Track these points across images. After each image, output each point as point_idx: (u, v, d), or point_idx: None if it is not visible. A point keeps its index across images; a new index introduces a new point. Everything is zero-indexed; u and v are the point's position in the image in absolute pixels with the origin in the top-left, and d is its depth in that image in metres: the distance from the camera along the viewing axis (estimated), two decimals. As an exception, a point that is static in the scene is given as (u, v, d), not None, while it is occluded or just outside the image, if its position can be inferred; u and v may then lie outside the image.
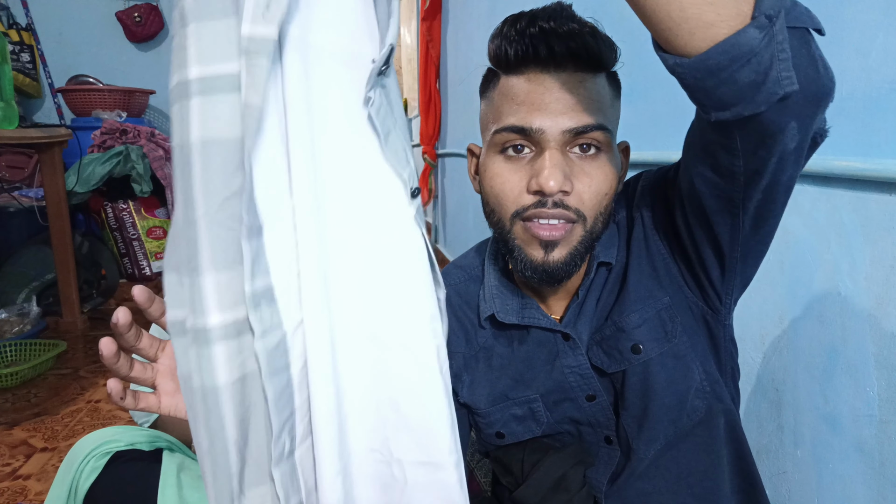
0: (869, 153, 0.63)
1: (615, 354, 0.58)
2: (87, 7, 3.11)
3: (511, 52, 0.51)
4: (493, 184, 0.55)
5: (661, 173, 0.58)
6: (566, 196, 0.52)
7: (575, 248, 0.54)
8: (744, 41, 0.35)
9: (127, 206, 2.59)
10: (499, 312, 0.62)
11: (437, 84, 3.17)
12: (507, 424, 0.64)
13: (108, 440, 0.74)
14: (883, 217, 0.62)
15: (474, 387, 0.65)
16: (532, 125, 0.51)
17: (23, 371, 1.75)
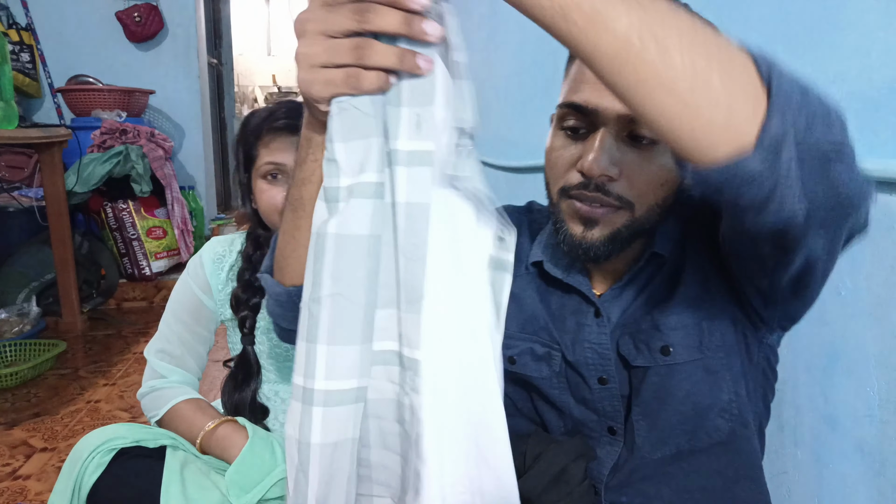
0: (869, 153, 0.63)
1: (643, 349, 0.57)
2: (86, 7, 3.10)
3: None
4: (549, 156, 0.56)
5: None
6: (611, 182, 0.51)
7: (617, 230, 0.53)
8: (744, 168, 0.34)
9: (126, 205, 2.59)
10: (547, 263, 0.63)
11: (436, 84, 3.17)
12: (523, 355, 0.64)
13: (113, 437, 0.75)
14: (883, 217, 0.62)
15: (507, 311, 0.64)
16: (589, 104, 0.51)
17: (22, 371, 1.75)
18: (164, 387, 0.86)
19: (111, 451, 0.73)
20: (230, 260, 0.88)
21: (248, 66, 5.37)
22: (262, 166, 0.81)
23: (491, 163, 2.17)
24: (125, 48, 3.18)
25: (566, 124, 0.54)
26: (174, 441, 0.79)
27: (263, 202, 0.81)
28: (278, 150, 0.80)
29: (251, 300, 0.85)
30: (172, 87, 3.25)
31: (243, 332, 0.86)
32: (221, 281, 0.88)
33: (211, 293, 0.88)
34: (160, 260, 2.69)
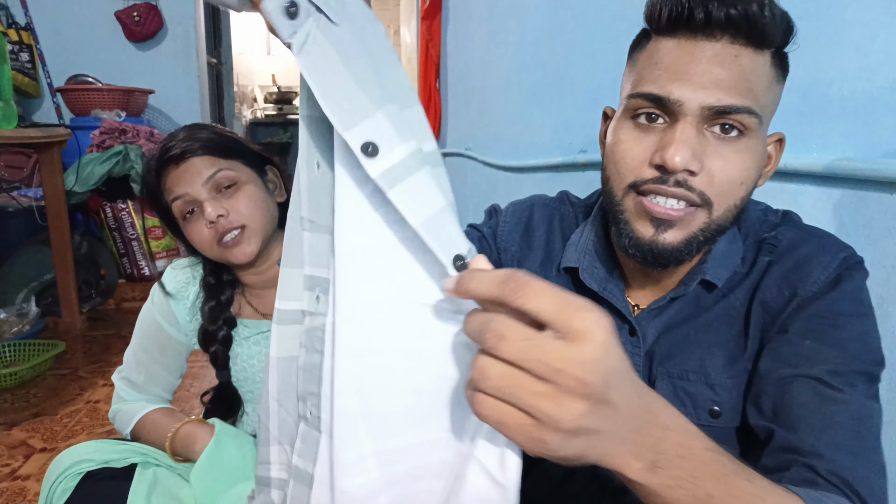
0: (870, 153, 0.63)
1: (686, 402, 0.53)
2: (86, 6, 3.10)
3: (665, 12, 0.46)
4: (615, 149, 0.51)
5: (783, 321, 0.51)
6: (692, 176, 0.47)
7: (693, 235, 0.48)
8: None
9: (126, 205, 2.58)
10: (583, 271, 0.58)
11: (437, 83, 3.17)
12: None
13: (81, 459, 0.74)
14: (884, 217, 0.62)
15: None
16: (670, 95, 0.46)
17: (22, 371, 1.75)
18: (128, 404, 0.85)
19: (78, 476, 0.73)
20: (194, 289, 0.85)
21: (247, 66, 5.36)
22: (173, 208, 0.77)
23: (491, 162, 2.16)
24: (124, 48, 3.17)
25: (641, 114, 0.49)
26: (145, 457, 0.78)
27: (194, 242, 0.78)
28: (175, 184, 0.76)
29: (219, 333, 0.81)
30: (172, 87, 3.24)
31: (217, 367, 0.83)
32: (187, 311, 0.84)
33: (178, 324, 0.85)
34: (159, 260, 2.69)
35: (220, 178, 0.76)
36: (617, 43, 1.18)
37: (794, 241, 0.52)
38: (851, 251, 0.51)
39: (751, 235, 0.55)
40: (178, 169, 0.75)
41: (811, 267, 0.50)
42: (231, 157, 0.78)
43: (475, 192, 2.43)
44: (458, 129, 2.82)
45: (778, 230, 0.54)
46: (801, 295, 0.49)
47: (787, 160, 0.73)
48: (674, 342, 0.55)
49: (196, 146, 0.75)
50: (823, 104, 0.69)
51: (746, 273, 0.54)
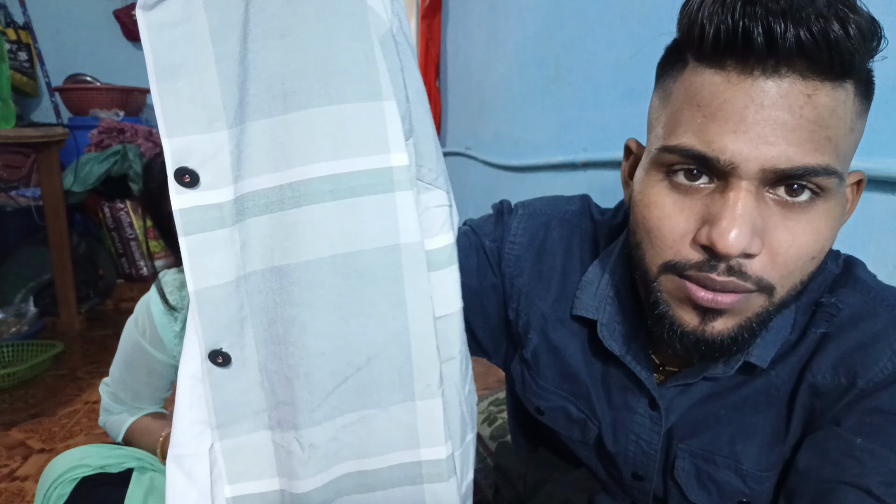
0: (870, 153, 0.63)
1: (712, 490, 0.46)
2: (84, 5, 3.09)
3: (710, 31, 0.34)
4: (647, 214, 0.39)
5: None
6: (748, 259, 0.36)
7: (748, 321, 0.38)
8: None
9: (124, 205, 2.58)
10: (602, 326, 0.49)
11: (437, 82, 3.17)
12: (554, 411, 0.54)
13: (76, 465, 0.73)
14: (885, 217, 0.62)
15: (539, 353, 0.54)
16: (720, 155, 0.35)
17: (20, 372, 1.75)
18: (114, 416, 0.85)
19: (73, 481, 0.72)
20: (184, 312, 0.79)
21: (246, 65, 5.36)
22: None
23: (491, 162, 2.16)
24: (123, 47, 3.16)
25: (677, 174, 0.38)
26: (141, 462, 0.77)
27: None
28: None
29: None
30: (170, 87, 3.24)
31: None
32: (176, 333, 0.80)
33: (164, 347, 0.80)
34: (158, 260, 2.68)
35: None
36: (617, 43, 1.18)
37: (858, 313, 0.42)
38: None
39: (805, 296, 0.44)
40: None
41: (877, 352, 0.40)
42: None
43: (475, 191, 2.43)
44: (458, 128, 2.82)
45: (838, 294, 0.43)
46: (861, 386, 0.40)
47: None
48: (699, 416, 0.46)
49: None
50: (825, 104, 0.68)
51: (794, 343, 0.44)
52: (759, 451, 0.44)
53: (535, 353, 0.54)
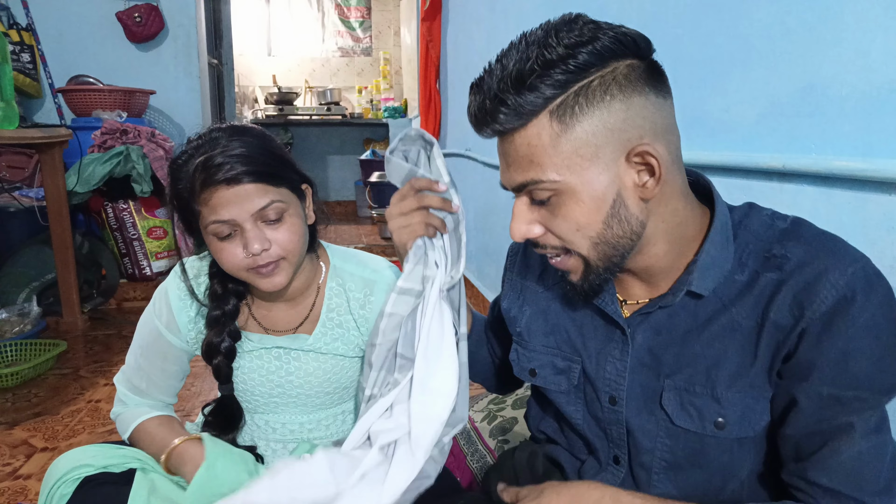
0: (869, 153, 0.63)
1: (693, 414, 0.56)
2: (87, 7, 3.10)
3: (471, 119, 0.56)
4: None
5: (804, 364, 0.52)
6: (542, 238, 0.56)
7: (582, 272, 0.57)
8: None
9: (127, 205, 2.59)
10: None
11: (437, 84, 3.17)
12: (543, 367, 0.67)
13: (79, 465, 0.73)
14: (883, 217, 0.62)
15: (531, 321, 0.69)
16: (502, 182, 0.57)
17: (23, 371, 1.76)
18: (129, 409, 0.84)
19: (76, 481, 0.72)
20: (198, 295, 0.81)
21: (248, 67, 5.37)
22: (209, 225, 0.70)
23: (491, 163, 2.17)
24: (126, 48, 3.18)
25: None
26: (143, 462, 0.77)
27: (224, 262, 0.72)
28: (220, 206, 0.69)
29: (223, 345, 0.78)
30: (173, 88, 3.25)
31: (220, 381, 0.81)
32: (190, 318, 0.81)
33: (178, 331, 0.81)
34: (161, 260, 2.69)
35: (271, 210, 0.70)
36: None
37: (804, 259, 0.51)
38: (861, 264, 0.50)
39: (753, 243, 0.55)
40: (227, 191, 0.69)
41: (818, 288, 0.49)
42: (281, 184, 0.72)
43: (475, 192, 2.43)
44: (459, 130, 2.83)
45: (787, 245, 0.53)
46: (808, 316, 0.50)
47: (786, 160, 0.73)
48: (683, 357, 0.57)
49: (251, 171, 0.69)
50: (822, 105, 0.69)
51: (747, 284, 0.54)
52: (729, 378, 0.54)
53: (528, 323, 0.70)
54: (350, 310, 0.82)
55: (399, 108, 4.93)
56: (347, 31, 5.57)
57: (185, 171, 0.71)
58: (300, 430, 0.84)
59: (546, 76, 0.49)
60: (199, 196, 0.70)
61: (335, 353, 0.81)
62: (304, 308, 0.82)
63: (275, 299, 0.82)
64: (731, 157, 0.84)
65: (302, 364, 0.81)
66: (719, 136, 0.88)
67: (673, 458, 0.58)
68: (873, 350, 0.48)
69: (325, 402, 0.84)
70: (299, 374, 0.81)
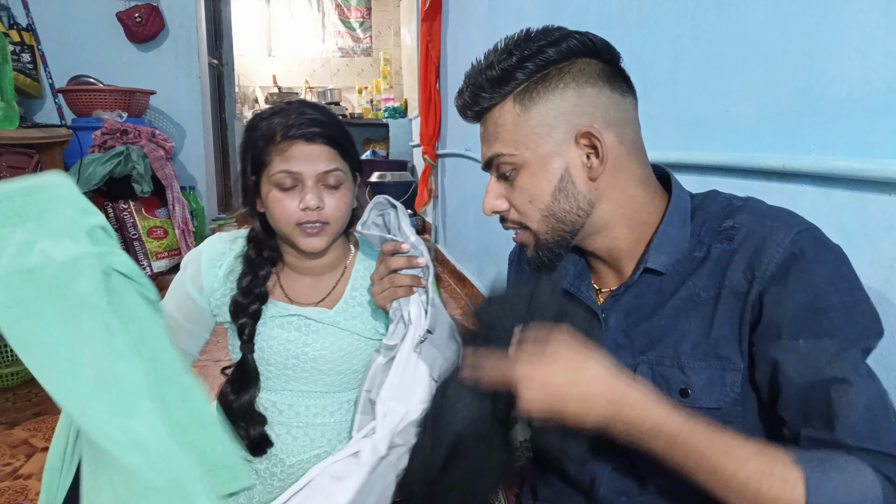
0: (868, 153, 0.63)
1: (662, 385, 0.58)
2: (87, 7, 3.11)
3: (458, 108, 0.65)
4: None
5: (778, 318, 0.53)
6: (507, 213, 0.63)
7: (534, 246, 0.63)
8: None
9: (127, 206, 2.59)
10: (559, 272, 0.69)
11: (437, 84, 3.18)
12: None
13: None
14: (882, 217, 0.62)
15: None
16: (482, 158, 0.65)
17: (24, 371, 1.76)
18: None
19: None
20: (228, 260, 0.86)
21: (248, 67, 5.37)
22: (275, 174, 0.77)
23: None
24: (126, 49, 3.18)
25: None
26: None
27: (276, 212, 0.78)
28: (293, 158, 0.76)
29: (251, 307, 0.82)
30: (173, 88, 3.25)
31: (242, 340, 0.83)
32: (218, 280, 0.85)
33: (203, 292, 0.86)
34: (161, 260, 2.69)
35: (333, 176, 0.78)
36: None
37: (751, 229, 0.55)
38: (806, 226, 0.53)
39: (709, 222, 0.60)
40: (303, 147, 0.76)
41: (766, 249, 0.53)
42: (347, 159, 0.81)
43: (475, 192, 2.43)
44: (458, 130, 2.83)
45: (737, 218, 0.57)
46: (760, 276, 0.53)
47: (786, 160, 0.73)
48: (652, 334, 0.60)
49: (328, 135, 0.78)
50: (822, 105, 0.69)
51: (703, 259, 0.58)
52: (692, 347, 0.57)
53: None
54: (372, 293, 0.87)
55: (399, 109, 4.93)
56: (347, 32, 5.57)
57: (268, 123, 0.78)
58: (305, 414, 0.86)
59: (516, 68, 0.58)
60: (275, 145, 0.77)
61: (352, 330, 0.85)
62: (328, 284, 0.87)
63: (304, 272, 0.86)
64: (731, 157, 0.84)
65: (319, 337, 0.84)
66: (719, 136, 0.88)
67: None
68: (836, 299, 0.50)
69: (334, 383, 0.86)
70: (315, 346, 0.84)
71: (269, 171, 0.78)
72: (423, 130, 3.27)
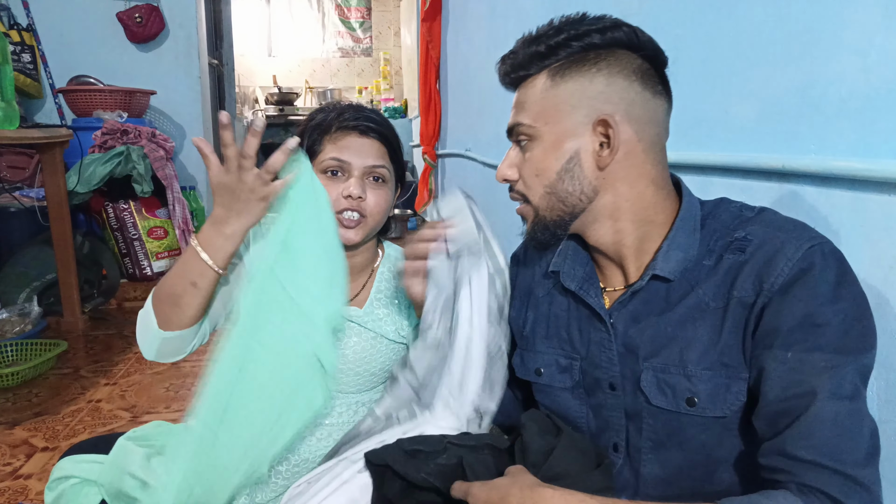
0: (868, 153, 0.63)
1: (668, 392, 0.58)
2: (87, 7, 3.11)
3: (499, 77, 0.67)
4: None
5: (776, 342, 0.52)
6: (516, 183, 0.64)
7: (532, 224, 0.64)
8: None
9: (128, 206, 2.59)
10: (564, 274, 0.69)
11: (437, 84, 3.18)
12: (549, 367, 0.70)
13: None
14: (882, 217, 0.62)
15: (535, 325, 0.73)
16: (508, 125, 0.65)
17: (24, 371, 1.76)
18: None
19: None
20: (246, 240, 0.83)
21: (248, 67, 5.37)
22: (325, 160, 0.80)
23: (491, 163, 2.17)
24: (126, 49, 3.18)
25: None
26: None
27: None
28: (346, 147, 0.80)
29: None
30: (173, 88, 3.25)
31: None
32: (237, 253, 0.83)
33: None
34: (161, 260, 2.69)
35: (380, 172, 0.82)
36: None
37: (763, 240, 0.55)
38: (819, 241, 0.53)
39: (720, 231, 0.59)
40: (357, 138, 0.80)
41: (776, 262, 0.53)
42: (394, 161, 0.85)
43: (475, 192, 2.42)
44: (459, 130, 2.83)
45: (749, 229, 0.57)
46: (768, 289, 0.53)
47: (786, 160, 0.73)
48: (658, 340, 0.60)
49: (381, 132, 0.82)
50: (822, 105, 0.69)
51: (713, 268, 0.58)
52: (699, 356, 0.57)
53: (533, 327, 0.73)
54: (397, 295, 0.88)
55: (399, 109, 4.93)
56: (347, 32, 5.57)
57: (324, 115, 0.83)
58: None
59: (561, 46, 0.60)
60: (331, 133, 0.81)
61: (377, 331, 0.86)
62: (356, 285, 0.88)
63: None
64: (731, 157, 0.84)
65: (343, 336, 0.85)
66: (719, 136, 0.88)
67: (656, 437, 0.60)
68: (835, 313, 0.50)
69: (349, 384, 0.86)
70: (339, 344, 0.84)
71: (319, 159, 0.81)
72: (423, 130, 3.27)
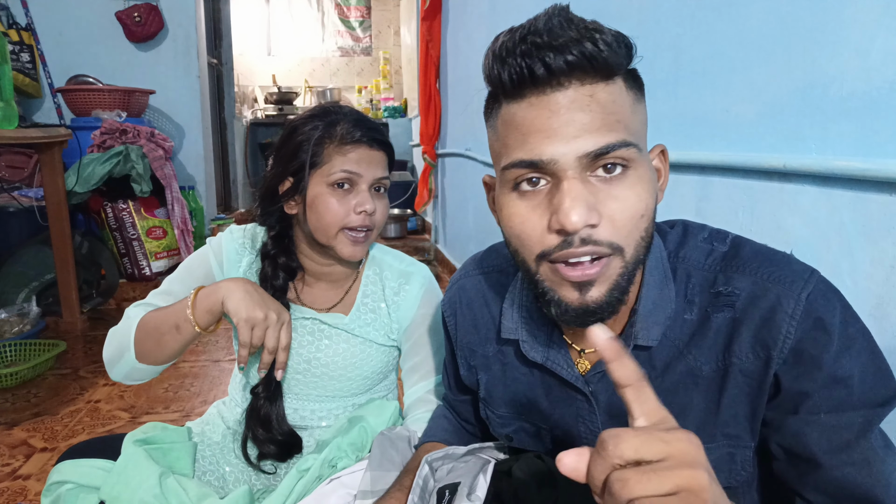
0: (869, 153, 0.63)
1: None
2: (86, 7, 3.10)
3: (505, 76, 0.45)
4: (511, 224, 0.48)
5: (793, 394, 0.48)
6: (594, 229, 0.45)
7: (616, 283, 0.47)
8: None
9: (127, 205, 2.59)
10: (524, 343, 0.59)
11: (437, 84, 3.17)
12: (518, 433, 0.64)
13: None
14: (883, 217, 0.62)
15: (490, 387, 0.65)
16: (542, 157, 0.44)
17: (22, 371, 1.75)
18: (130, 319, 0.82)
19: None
20: (249, 258, 0.86)
21: (248, 67, 5.36)
22: (336, 173, 0.77)
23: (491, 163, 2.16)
24: (125, 48, 3.18)
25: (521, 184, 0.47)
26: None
27: (325, 213, 0.77)
28: (356, 160, 0.77)
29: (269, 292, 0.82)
30: (172, 87, 3.25)
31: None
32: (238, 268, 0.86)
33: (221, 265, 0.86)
34: (160, 260, 2.69)
35: (384, 182, 0.81)
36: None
37: (753, 291, 0.49)
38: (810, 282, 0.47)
39: (695, 276, 0.52)
40: (367, 151, 0.79)
41: (777, 322, 0.47)
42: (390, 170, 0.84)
43: (475, 192, 2.43)
44: (458, 130, 2.83)
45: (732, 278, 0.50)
46: (777, 355, 0.47)
47: (787, 160, 0.73)
48: None
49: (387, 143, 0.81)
50: (823, 104, 0.69)
51: (699, 326, 0.51)
52: (696, 427, 0.50)
53: (488, 389, 0.66)
54: (384, 297, 0.87)
55: (399, 108, 4.93)
56: (347, 31, 5.57)
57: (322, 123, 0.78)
58: (311, 418, 0.86)
59: (622, 38, 0.45)
60: (337, 145, 0.77)
61: (366, 336, 0.85)
62: (341, 290, 0.87)
63: (320, 277, 0.87)
64: (731, 157, 0.84)
65: (332, 342, 0.84)
66: (719, 136, 0.88)
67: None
68: (855, 367, 0.46)
69: (342, 389, 0.86)
70: (328, 352, 0.84)
71: (325, 171, 0.77)
72: (423, 130, 3.26)
